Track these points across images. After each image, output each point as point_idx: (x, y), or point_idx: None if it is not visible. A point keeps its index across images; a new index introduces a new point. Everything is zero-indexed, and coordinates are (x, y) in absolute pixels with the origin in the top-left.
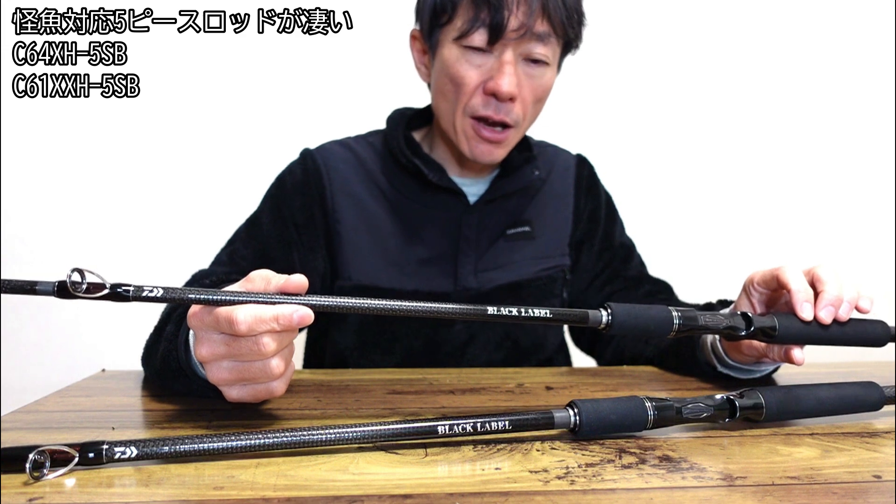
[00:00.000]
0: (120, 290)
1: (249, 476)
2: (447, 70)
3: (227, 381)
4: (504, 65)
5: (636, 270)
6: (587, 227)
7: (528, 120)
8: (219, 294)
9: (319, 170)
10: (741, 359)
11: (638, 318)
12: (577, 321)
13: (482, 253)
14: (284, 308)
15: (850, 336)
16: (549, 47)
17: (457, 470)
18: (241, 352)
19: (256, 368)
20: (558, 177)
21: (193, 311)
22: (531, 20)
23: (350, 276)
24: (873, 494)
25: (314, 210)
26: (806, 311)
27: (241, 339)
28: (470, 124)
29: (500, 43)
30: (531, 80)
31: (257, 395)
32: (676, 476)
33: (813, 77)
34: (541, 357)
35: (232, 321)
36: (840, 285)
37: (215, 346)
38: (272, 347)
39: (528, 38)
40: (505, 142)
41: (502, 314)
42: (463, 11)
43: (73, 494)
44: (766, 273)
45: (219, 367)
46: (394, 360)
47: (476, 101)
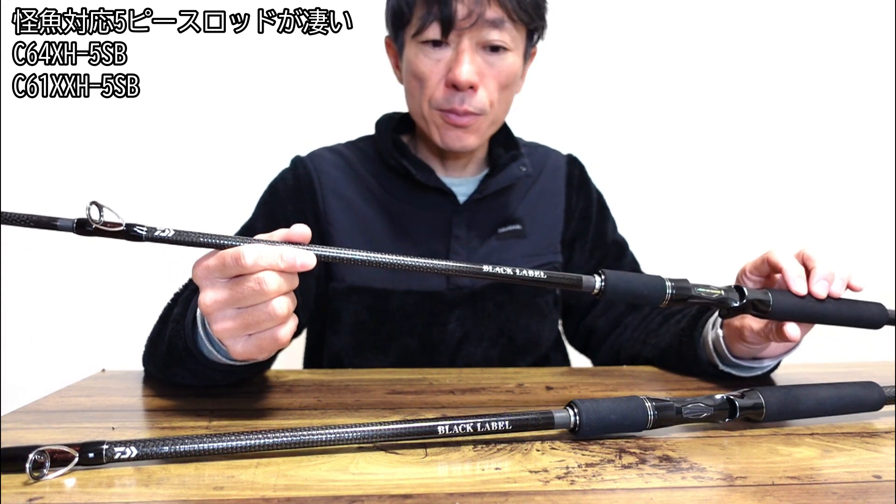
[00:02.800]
0: (134, 230)
1: (249, 476)
2: (410, 68)
3: (232, 332)
4: (460, 54)
5: (629, 268)
6: (579, 224)
7: (498, 107)
8: (227, 239)
9: (310, 174)
10: (744, 349)
11: (630, 283)
12: (570, 284)
13: (474, 252)
14: (289, 248)
15: (845, 314)
16: (506, 32)
17: (457, 470)
18: (243, 294)
19: (260, 311)
20: (549, 175)
21: (198, 261)
22: (481, 7)
23: (343, 277)
24: (873, 494)
25: (307, 214)
26: (799, 285)
27: (243, 280)
28: (438, 114)
29: (453, 34)
30: (492, 68)
31: (262, 345)
32: (676, 476)
33: (810, 72)
34: (537, 354)
35: (238, 255)
36: (831, 263)
37: (219, 291)
38: (274, 286)
39: (482, 26)
40: (473, 126)
41: (497, 273)
42: (417, 9)
43: (73, 494)
44: (756, 260)
45: (223, 315)
46: (389, 359)
47: (439, 94)
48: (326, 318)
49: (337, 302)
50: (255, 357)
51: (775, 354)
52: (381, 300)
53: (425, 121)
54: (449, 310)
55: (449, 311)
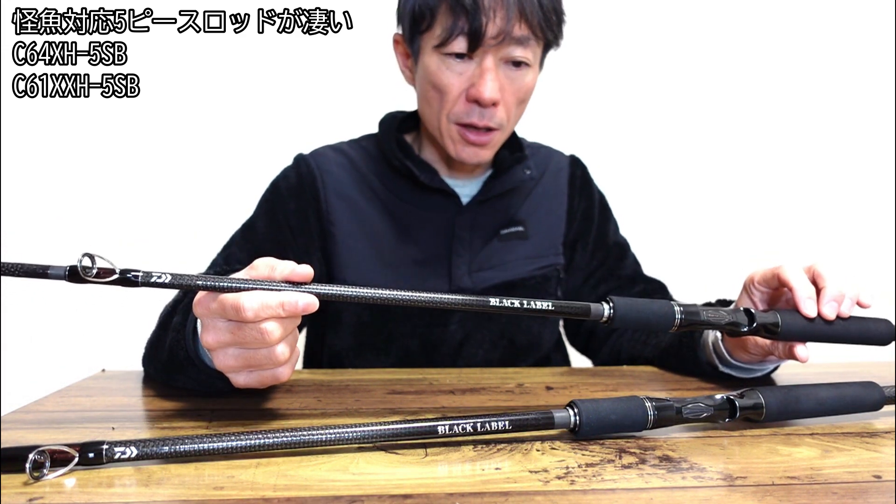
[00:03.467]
0: (129, 276)
1: (249, 476)
2: (429, 78)
3: (234, 368)
4: (485, 71)
5: (630, 269)
6: (581, 226)
7: (513, 121)
8: (225, 281)
9: (313, 173)
10: (746, 357)
11: (640, 311)
12: (579, 314)
13: (476, 253)
14: (290, 295)
15: (853, 333)
16: (530, 49)
17: (457, 470)
18: (246, 339)
19: (262, 355)
20: (551, 177)
21: (199, 299)
22: (509, 25)
23: (345, 278)
24: (873, 494)
25: (309, 213)
26: (809, 307)
27: (246, 326)
28: (456, 129)
29: (479, 49)
30: (513, 83)
31: (263, 380)
32: (676, 476)
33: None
34: (537, 355)
35: (238, 308)
36: (841, 282)
37: (221, 334)
38: (277, 335)
39: (508, 43)
40: (490, 143)
41: (504, 306)
42: (442, 19)
43: (73, 494)
44: (766, 272)
45: (225, 354)
46: (390, 360)
47: (459, 108)
48: (327, 319)
49: (338, 302)
50: (254, 387)
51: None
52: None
53: (440, 132)
54: (450, 311)
55: (450, 312)
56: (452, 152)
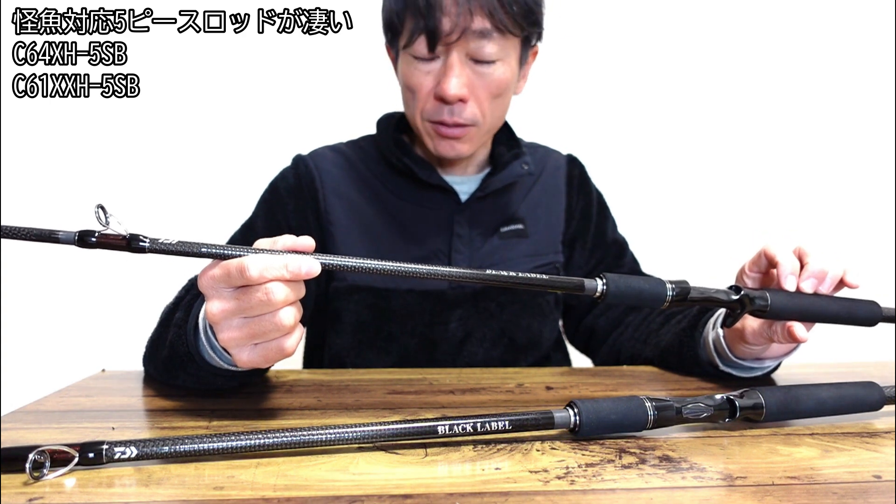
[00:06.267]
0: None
1: (249, 476)
2: (403, 80)
3: (238, 341)
4: (448, 69)
5: (629, 267)
6: (579, 224)
7: (491, 116)
8: (230, 249)
9: (312, 173)
10: (747, 350)
11: (633, 287)
12: (572, 288)
13: (476, 251)
14: (294, 257)
15: (840, 313)
16: (495, 43)
17: (457, 470)
18: (250, 304)
19: (266, 321)
20: (550, 175)
21: (203, 272)
22: (467, 20)
23: (345, 276)
24: (873, 494)
25: (307, 213)
26: (790, 282)
27: (250, 291)
28: (430, 126)
29: (440, 47)
30: (482, 79)
31: (268, 354)
32: (676, 476)
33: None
34: (538, 354)
35: (242, 268)
36: (825, 259)
37: (226, 301)
38: (281, 296)
39: (470, 38)
40: (465, 137)
41: (500, 276)
42: (407, 22)
43: (73, 494)
44: (754, 255)
45: (229, 325)
46: (391, 359)
47: (430, 106)
48: (327, 318)
49: (338, 301)
50: (259, 366)
51: (777, 355)
52: (383, 299)
53: (419, 130)
54: (450, 310)
55: (450, 310)
56: (431, 148)
